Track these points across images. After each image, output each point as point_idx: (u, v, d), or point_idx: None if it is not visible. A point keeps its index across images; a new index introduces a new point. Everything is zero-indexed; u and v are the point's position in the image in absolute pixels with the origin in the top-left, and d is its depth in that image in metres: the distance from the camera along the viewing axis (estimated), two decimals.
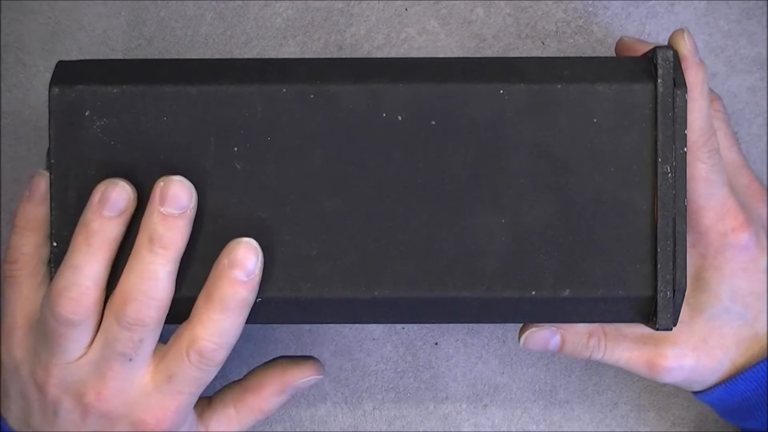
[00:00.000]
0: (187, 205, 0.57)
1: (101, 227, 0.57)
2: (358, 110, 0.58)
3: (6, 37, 0.69)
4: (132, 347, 0.58)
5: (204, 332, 0.58)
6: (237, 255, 0.57)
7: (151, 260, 0.57)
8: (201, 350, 0.58)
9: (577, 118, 0.58)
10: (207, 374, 0.59)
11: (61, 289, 0.57)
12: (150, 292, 0.57)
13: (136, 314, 0.57)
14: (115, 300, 0.58)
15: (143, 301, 0.57)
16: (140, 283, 0.57)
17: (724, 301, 0.62)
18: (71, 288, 0.57)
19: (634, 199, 0.58)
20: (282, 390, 0.63)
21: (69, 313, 0.57)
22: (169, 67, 0.59)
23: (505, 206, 0.58)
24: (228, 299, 0.57)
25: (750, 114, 0.69)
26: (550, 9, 0.69)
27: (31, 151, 0.69)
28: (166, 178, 0.57)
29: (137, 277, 0.57)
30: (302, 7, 0.69)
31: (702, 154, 0.60)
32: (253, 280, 0.57)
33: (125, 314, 0.57)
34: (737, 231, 0.61)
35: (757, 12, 0.69)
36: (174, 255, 0.57)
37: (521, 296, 0.58)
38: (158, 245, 0.57)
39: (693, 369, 0.63)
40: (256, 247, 0.57)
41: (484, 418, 0.70)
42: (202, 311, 0.58)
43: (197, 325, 0.58)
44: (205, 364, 0.58)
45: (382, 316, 0.59)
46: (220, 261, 0.57)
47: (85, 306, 0.57)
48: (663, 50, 0.58)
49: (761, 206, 0.63)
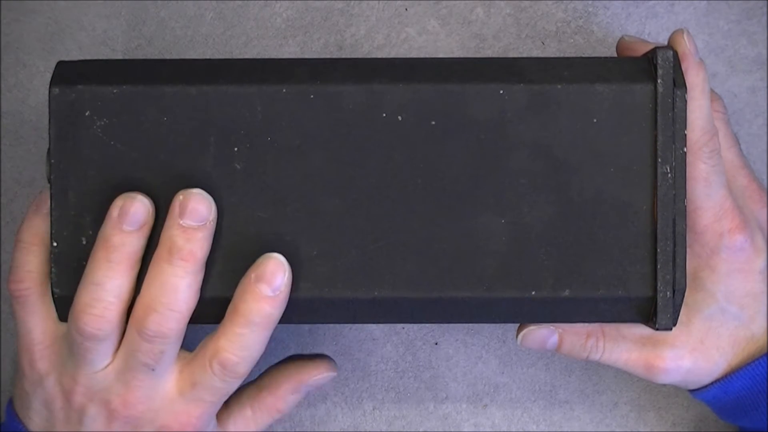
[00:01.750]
0: (206, 217, 0.57)
1: (121, 242, 0.57)
2: (358, 110, 0.58)
3: (6, 37, 0.69)
4: (153, 358, 0.58)
5: (228, 345, 0.58)
6: (264, 270, 0.57)
7: (171, 272, 0.57)
8: (224, 362, 0.58)
9: (577, 118, 0.58)
10: (230, 385, 0.59)
11: (84, 305, 0.57)
12: (171, 304, 0.57)
13: (157, 326, 0.57)
14: (136, 312, 0.58)
15: (164, 313, 0.57)
16: (161, 295, 0.57)
17: (719, 301, 0.62)
18: (94, 304, 0.57)
19: (634, 199, 0.58)
20: (297, 388, 0.63)
21: (93, 329, 0.58)
22: (169, 67, 0.59)
23: (505, 206, 0.58)
24: (253, 314, 0.57)
25: (750, 114, 0.69)
26: (550, 9, 0.69)
27: (31, 151, 0.69)
28: (186, 191, 0.57)
29: (158, 289, 0.57)
30: (302, 7, 0.69)
31: (703, 154, 0.60)
32: (280, 296, 0.57)
33: (146, 326, 0.57)
34: (733, 232, 0.61)
35: (757, 12, 0.69)
36: (194, 267, 0.57)
37: (521, 296, 0.58)
38: (178, 257, 0.57)
39: (690, 370, 0.63)
40: (285, 263, 0.57)
41: (484, 418, 0.70)
42: (228, 324, 0.58)
43: (221, 337, 0.58)
44: (228, 376, 0.59)
45: (382, 316, 0.59)
46: (247, 275, 0.58)
47: (108, 321, 0.58)
48: (663, 50, 0.58)
49: (758, 208, 0.63)
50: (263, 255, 0.58)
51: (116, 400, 0.59)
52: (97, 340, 0.58)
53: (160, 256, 0.57)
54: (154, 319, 0.57)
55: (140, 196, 0.57)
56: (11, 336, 0.69)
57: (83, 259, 0.58)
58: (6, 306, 0.69)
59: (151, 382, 0.59)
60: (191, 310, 0.58)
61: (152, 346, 0.58)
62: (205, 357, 0.59)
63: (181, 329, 0.58)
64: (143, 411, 0.59)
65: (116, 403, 0.59)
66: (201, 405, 0.60)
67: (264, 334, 0.58)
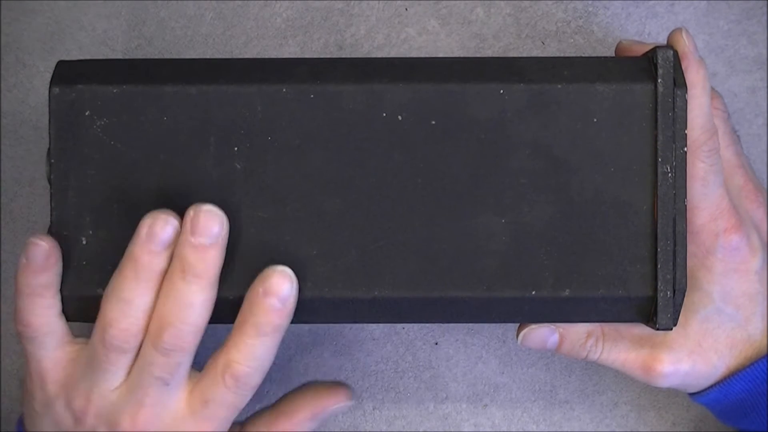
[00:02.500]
0: (218, 234, 0.57)
1: (150, 262, 0.57)
2: (359, 110, 0.58)
3: (6, 37, 0.69)
4: (168, 371, 0.58)
5: (239, 356, 0.58)
6: (271, 283, 0.57)
7: (186, 289, 0.57)
8: (236, 374, 0.58)
9: (577, 118, 0.58)
10: (241, 398, 0.59)
11: (112, 320, 0.58)
12: (186, 318, 0.57)
13: (174, 340, 0.57)
14: (152, 327, 0.58)
15: (180, 327, 0.57)
16: (176, 310, 0.57)
17: (716, 301, 0.62)
18: (122, 320, 0.58)
19: (634, 199, 0.58)
20: (315, 416, 0.63)
21: (121, 342, 0.58)
22: (169, 67, 0.59)
23: (505, 206, 0.58)
24: (262, 326, 0.57)
25: (750, 114, 0.69)
26: (550, 9, 0.69)
27: (31, 151, 0.69)
28: (196, 207, 0.57)
29: (173, 305, 0.57)
30: (302, 7, 0.69)
31: (702, 153, 0.60)
32: (287, 307, 0.57)
33: (162, 340, 0.57)
34: (729, 232, 0.61)
35: (757, 12, 0.69)
36: (207, 283, 0.57)
37: (521, 296, 0.58)
38: (191, 274, 0.57)
39: (688, 373, 0.63)
40: (291, 275, 0.57)
41: (484, 418, 0.70)
42: (237, 336, 0.58)
43: (232, 349, 0.58)
44: (241, 388, 0.59)
45: (382, 316, 0.59)
46: (254, 288, 0.57)
47: (134, 334, 0.58)
48: (663, 50, 0.58)
49: (755, 207, 0.63)
50: (269, 267, 0.58)
51: (126, 420, 0.59)
52: (122, 353, 0.58)
53: (173, 273, 0.57)
54: (171, 333, 0.57)
55: (168, 217, 0.57)
56: (11, 336, 0.69)
57: (83, 258, 0.58)
58: (6, 306, 0.69)
59: (163, 398, 0.59)
60: (206, 323, 0.58)
61: (168, 359, 0.58)
62: (217, 371, 0.59)
63: (196, 342, 0.58)
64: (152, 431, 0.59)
65: (126, 424, 0.59)
66: (212, 422, 0.59)
67: (274, 343, 0.58)
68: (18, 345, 0.69)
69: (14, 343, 0.69)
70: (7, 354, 0.70)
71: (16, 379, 0.69)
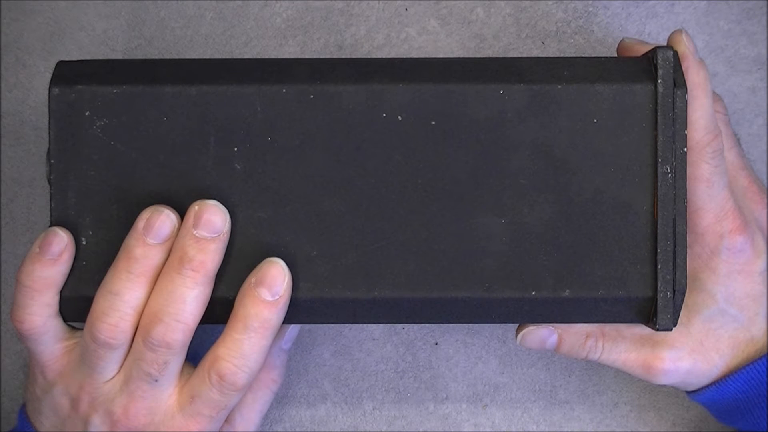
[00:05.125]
0: (221, 229, 0.57)
1: (144, 255, 0.57)
2: (359, 110, 0.58)
3: (6, 37, 0.69)
4: (157, 368, 0.58)
5: (225, 353, 0.58)
6: (264, 274, 0.57)
7: (180, 283, 0.57)
8: (221, 372, 0.58)
9: (577, 118, 0.58)
10: (228, 399, 0.59)
11: (100, 313, 0.58)
12: (177, 315, 0.57)
13: (162, 336, 0.57)
14: (143, 321, 0.58)
15: (169, 323, 0.57)
16: (168, 305, 0.57)
17: (719, 302, 0.62)
18: (110, 313, 0.57)
19: (634, 200, 0.58)
20: (278, 352, 0.64)
21: (108, 337, 0.58)
22: (169, 67, 0.59)
23: (505, 206, 0.58)
24: (251, 318, 0.57)
25: (750, 114, 0.69)
26: (550, 9, 0.69)
27: (31, 151, 0.69)
28: (201, 202, 0.57)
29: (165, 299, 0.57)
30: (302, 7, 0.69)
31: (706, 154, 0.60)
32: (279, 302, 0.57)
33: (151, 336, 0.57)
34: (733, 233, 0.61)
35: (757, 12, 0.69)
36: (203, 278, 0.57)
37: (521, 296, 0.58)
38: (188, 267, 0.57)
39: (689, 372, 0.63)
40: (285, 269, 0.57)
41: (484, 418, 0.70)
42: (226, 331, 0.58)
43: (220, 346, 0.58)
44: (226, 387, 0.58)
45: (382, 316, 0.59)
46: (247, 280, 0.58)
47: (122, 330, 0.58)
48: (663, 50, 0.58)
49: (759, 209, 0.63)
50: (264, 260, 0.58)
51: (119, 410, 0.59)
52: (110, 348, 0.58)
53: (170, 266, 0.57)
54: (160, 329, 0.57)
55: (167, 210, 0.57)
56: (11, 336, 0.69)
57: (83, 259, 0.58)
58: (6, 306, 0.69)
59: (154, 393, 0.59)
60: (197, 322, 0.58)
61: (156, 356, 0.58)
62: (204, 368, 0.59)
63: (185, 341, 0.58)
64: (145, 424, 0.59)
65: (119, 414, 0.59)
66: (200, 420, 0.59)
67: (262, 342, 0.58)
68: (18, 345, 0.69)
69: (14, 343, 0.69)
70: (7, 354, 0.70)
71: (17, 379, 0.70)
